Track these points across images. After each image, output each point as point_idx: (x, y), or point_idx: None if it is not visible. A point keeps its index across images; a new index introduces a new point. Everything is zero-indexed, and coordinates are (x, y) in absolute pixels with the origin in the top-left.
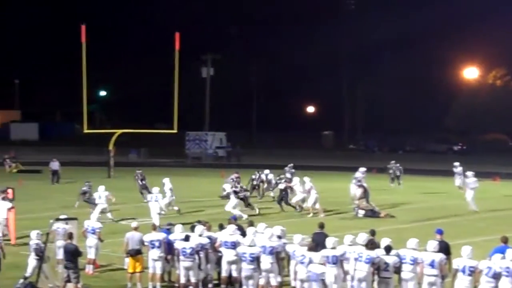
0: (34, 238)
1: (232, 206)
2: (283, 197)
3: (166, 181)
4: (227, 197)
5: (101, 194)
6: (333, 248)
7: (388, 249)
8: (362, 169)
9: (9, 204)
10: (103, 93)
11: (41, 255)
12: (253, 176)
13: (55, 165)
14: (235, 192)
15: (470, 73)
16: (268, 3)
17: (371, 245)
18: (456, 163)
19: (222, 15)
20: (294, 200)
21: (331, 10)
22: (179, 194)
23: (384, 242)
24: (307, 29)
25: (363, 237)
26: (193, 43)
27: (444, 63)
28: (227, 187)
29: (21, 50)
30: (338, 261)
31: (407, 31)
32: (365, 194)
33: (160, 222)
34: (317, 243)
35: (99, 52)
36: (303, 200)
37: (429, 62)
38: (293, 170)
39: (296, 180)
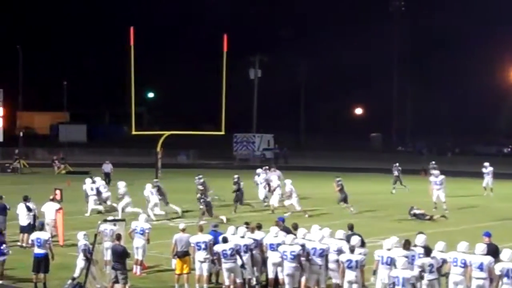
0: (82, 239)
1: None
2: (239, 198)
3: (121, 184)
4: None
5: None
6: (389, 249)
7: (427, 251)
8: (436, 171)
9: (57, 205)
10: (151, 94)
11: (88, 256)
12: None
13: (107, 167)
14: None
15: None
16: (317, 4)
17: (408, 245)
18: (486, 163)
19: (271, 16)
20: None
21: (381, 11)
22: (228, 196)
23: (439, 245)
24: (356, 30)
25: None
26: (241, 44)
27: (495, 64)
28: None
29: (70, 52)
30: (393, 262)
31: (457, 31)
32: None
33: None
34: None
35: (148, 54)
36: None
37: (479, 63)
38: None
39: (276, 181)
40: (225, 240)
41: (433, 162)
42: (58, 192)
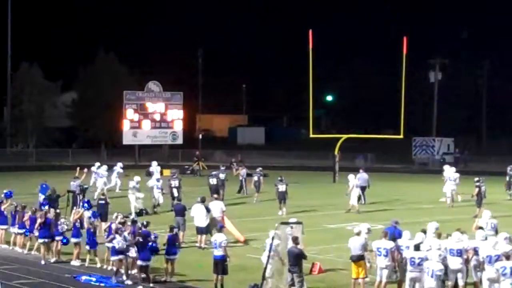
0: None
1: None
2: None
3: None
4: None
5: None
6: None
7: None
8: None
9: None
10: (330, 98)
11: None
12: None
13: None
14: None
15: None
16: (499, 4)
17: None
18: None
19: (450, 18)
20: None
21: None
22: (406, 199)
23: None
24: None
25: None
26: (420, 47)
27: None
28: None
29: (249, 56)
30: None
31: None
32: None
33: None
34: None
35: (327, 58)
36: None
37: None
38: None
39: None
40: (417, 248)
41: None
42: None
